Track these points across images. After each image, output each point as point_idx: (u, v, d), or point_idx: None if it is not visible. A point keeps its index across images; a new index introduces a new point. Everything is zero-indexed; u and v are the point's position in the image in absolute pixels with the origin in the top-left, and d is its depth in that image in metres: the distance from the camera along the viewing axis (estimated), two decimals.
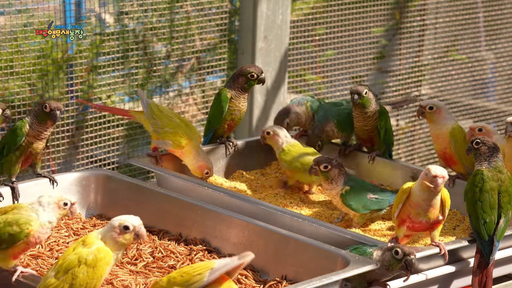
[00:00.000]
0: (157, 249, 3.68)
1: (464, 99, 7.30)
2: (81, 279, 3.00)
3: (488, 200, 3.62)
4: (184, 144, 4.18)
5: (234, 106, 4.41)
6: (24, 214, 3.21)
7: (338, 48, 6.52)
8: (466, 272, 3.67)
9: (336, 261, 3.40)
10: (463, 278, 3.68)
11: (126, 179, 4.03)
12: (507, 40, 7.38)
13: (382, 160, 4.46)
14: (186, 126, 4.23)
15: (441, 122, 4.23)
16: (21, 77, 5.19)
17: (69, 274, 3.00)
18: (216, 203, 3.87)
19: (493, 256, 3.57)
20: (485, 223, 3.59)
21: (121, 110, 4.58)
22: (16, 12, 5.13)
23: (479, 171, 3.66)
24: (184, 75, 6.06)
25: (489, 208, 3.61)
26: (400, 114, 6.92)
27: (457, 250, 3.64)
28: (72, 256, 3.02)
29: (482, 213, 3.60)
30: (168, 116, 4.24)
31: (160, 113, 4.23)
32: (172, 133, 4.19)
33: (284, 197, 4.25)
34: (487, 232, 3.58)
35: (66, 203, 3.25)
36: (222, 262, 2.99)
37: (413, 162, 6.97)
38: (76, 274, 3.00)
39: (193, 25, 5.90)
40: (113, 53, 5.54)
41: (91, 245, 3.03)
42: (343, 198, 3.94)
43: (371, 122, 4.37)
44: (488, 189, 3.63)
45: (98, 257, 3.01)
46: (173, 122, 4.22)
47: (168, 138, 4.18)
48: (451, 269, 3.62)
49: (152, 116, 4.23)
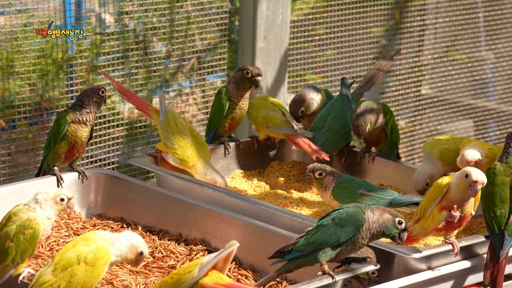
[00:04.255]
0: (157, 249, 3.68)
1: (464, 99, 7.31)
2: (80, 277, 2.99)
3: (499, 194, 3.66)
4: (191, 165, 4.16)
5: (234, 104, 4.41)
6: (25, 215, 3.22)
7: (338, 48, 6.52)
8: (481, 268, 3.70)
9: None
10: (478, 274, 3.72)
11: (126, 179, 4.03)
12: (507, 40, 7.39)
13: (382, 160, 4.46)
14: (197, 143, 4.20)
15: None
16: (21, 77, 5.19)
17: (67, 271, 3.00)
18: (216, 203, 3.87)
19: (504, 251, 3.59)
20: (495, 216, 3.62)
21: (141, 102, 4.38)
22: (16, 12, 5.13)
23: (491, 166, 3.71)
24: (185, 75, 6.07)
25: (500, 202, 3.64)
26: (400, 114, 6.92)
27: (473, 246, 3.67)
28: (70, 254, 3.02)
29: (493, 206, 3.64)
30: (182, 132, 4.19)
31: (175, 127, 4.19)
32: (181, 150, 4.16)
33: (284, 197, 4.26)
34: (497, 225, 3.60)
35: (62, 198, 3.25)
36: (210, 256, 3.00)
37: (413, 162, 6.97)
38: (75, 272, 2.99)
39: (194, 25, 5.90)
40: (113, 53, 5.54)
41: (91, 244, 3.03)
42: (333, 194, 3.97)
43: (378, 129, 4.38)
44: (499, 183, 3.66)
45: (97, 256, 3.01)
46: (184, 140, 4.18)
47: (177, 156, 4.15)
48: (466, 264, 3.65)
49: (166, 128, 4.20)
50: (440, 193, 3.58)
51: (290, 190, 4.35)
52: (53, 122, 4.00)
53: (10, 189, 3.89)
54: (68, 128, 3.92)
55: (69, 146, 3.96)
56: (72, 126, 3.92)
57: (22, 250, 3.19)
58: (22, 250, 3.19)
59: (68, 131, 3.92)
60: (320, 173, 3.98)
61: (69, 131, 3.92)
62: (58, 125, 3.92)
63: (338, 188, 3.97)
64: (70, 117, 3.92)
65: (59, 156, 3.96)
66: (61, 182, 3.95)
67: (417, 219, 3.67)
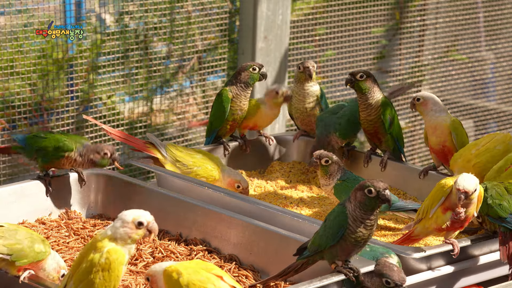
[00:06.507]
0: (157, 249, 3.68)
1: (464, 99, 7.31)
2: (99, 284, 2.96)
3: (496, 191, 3.69)
4: (218, 176, 4.17)
5: (235, 105, 4.41)
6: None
7: (338, 48, 6.53)
8: (479, 269, 3.71)
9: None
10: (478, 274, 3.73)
11: (126, 179, 4.03)
12: (507, 40, 7.39)
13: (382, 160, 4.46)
14: (205, 155, 4.22)
15: (428, 113, 4.22)
16: (21, 77, 5.19)
17: (85, 282, 2.97)
18: (216, 203, 3.87)
19: None
20: (500, 204, 3.64)
21: (137, 142, 4.29)
22: (16, 12, 5.13)
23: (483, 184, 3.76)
24: (185, 75, 6.07)
25: (499, 195, 3.68)
26: (400, 114, 6.92)
27: (473, 246, 3.67)
28: (84, 264, 2.99)
29: (493, 199, 3.66)
30: (190, 154, 4.20)
31: (181, 154, 4.19)
32: (202, 170, 4.17)
33: (284, 197, 4.26)
34: (506, 210, 3.63)
35: (64, 274, 3.28)
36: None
37: (413, 162, 6.97)
38: (93, 281, 2.96)
39: (194, 25, 5.91)
40: (113, 53, 5.54)
41: (102, 249, 2.99)
42: (335, 189, 3.97)
43: (374, 112, 4.32)
44: (492, 185, 3.71)
45: (111, 259, 2.96)
46: (196, 158, 4.19)
47: (201, 176, 4.16)
48: (466, 264, 3.66)
49: (175, 161, 4.18)
50: (444, 194, 3.59)
51: (290, 190, 4.36)
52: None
53: (10, 189, 3.89)
54: (61, 159, 3.93)
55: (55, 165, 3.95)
56: (63, 160, 3.91)
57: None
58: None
59: (60, 160, 3.92)
60: (327, 160, 3.97)
61: (60, 161, 3.92)
62: (55, 150, 3.88)
63: (341, 186, 3.96)
64: (68, 154, 3.88)
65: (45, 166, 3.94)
66: (49, 189, 3.94)
67: (419, 219, 3.67)
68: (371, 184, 3.19)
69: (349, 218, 3.23)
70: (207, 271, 3.03)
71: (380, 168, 4.40)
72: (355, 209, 3.22)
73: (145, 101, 5.93)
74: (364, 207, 3.20)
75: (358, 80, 4.25)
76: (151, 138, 4.22)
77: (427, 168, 4.29)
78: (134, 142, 4.26)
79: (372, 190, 3.18)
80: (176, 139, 5.99)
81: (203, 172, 4.16)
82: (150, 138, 4.23)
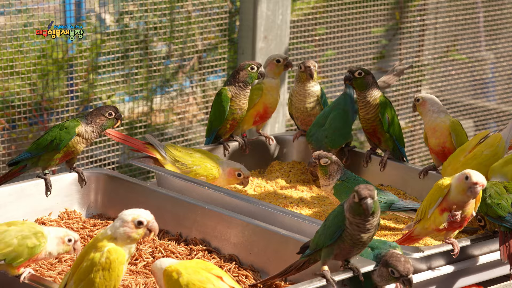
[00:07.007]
0: (157, 249, 3.68)
1: (464, 99, 7.31)
2: (99, 283, 2.97)
3: (494, 190, 3.70)
4: (218, 174, 4.18)
5: (235, 105, 4.41)
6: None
7: (338, 48, 6.53)
8: (479, 269, 3.71)
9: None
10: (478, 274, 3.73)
11: (126, 179, 4.03)
12: (507, 40, 7.39)
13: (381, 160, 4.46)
14: (204, 154, 4.23)
15: (427, 114, 4.22)
16: (21, 77, 5.20)
17: (86, 281, 2.98)
18: (216, 203, 3.87)
19: None
20: (499, 204, 3.64)
21: (137, 143, 4.28)
22: (16, 12, 5.13)
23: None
24: (185, 75, 6.07)
25: (498, 194, 3.68)
26: (400, 114, 6.92)
27: (473, 246, 3.67)
28: (84, 264, 3.00)
29: (492, 199, 3.66)
30: (189, 153, 4.21)
31: (180, 153, 4.20)
32: (202, 169, 4.18)
33: (284, 197, 4.26)
34: (504, 209, 3.63)
35: (70, 239, 3.26)
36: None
37: (413, 162, 6.98)
38: (93, 280, 2.97)
39: (194, 25, 5.91)
40: (113, 53, 5.54)
41: (102, 248, 3.00)
42: (334, 190, 3.96)
43: (372, 110, 4.32)
44: (490, 185, 3.72)
45: (111, 258, 2.98)
46: (195, 158, 4.20)
47: (201, 175, 4.16)
48: (465, 264, 3.66)
49: (174, 162, 4.19)
50: (441, 194, 3.59)
51: (290, 190, 4.36)
52: (54, 122, 3.99)
53: (10, 189, 3.90)
54: (72, 139, 3.90)
55: (65, 154, 3.94)
56: (76, 138, 3.91)
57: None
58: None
59: (71, 141, 3.91)
60: (326, 160, 3.97)
61: (71, 142, 3.91)
62: (65, 132, 3.91)
63: (341, 186, 3.96)
64: (78, 129, 3.91)
65: (53, 160, 3.94)
66: (50, 189, 3.93)
67: (418, 220, 3.67)
68: (357, 190, 3.18)
69: (346, 219, 3.23)
70: (207, 271, 3.03)
71: (379, 168, 4.40)
72: (347, 211, 3.22)
73: (145, 101, 5.93)
74: (352, 211, 3.21)
75: (356, 78, 4.26)
76: (150, 139, 4.23)
77: (427, 168, 4.29)
78: (133, 142, 4.25)
79: (355, 196, 3.19)
80: (176, 139, 6.00)
81: (203, 170, 4.16)
82: (149, 139, 4.23)
